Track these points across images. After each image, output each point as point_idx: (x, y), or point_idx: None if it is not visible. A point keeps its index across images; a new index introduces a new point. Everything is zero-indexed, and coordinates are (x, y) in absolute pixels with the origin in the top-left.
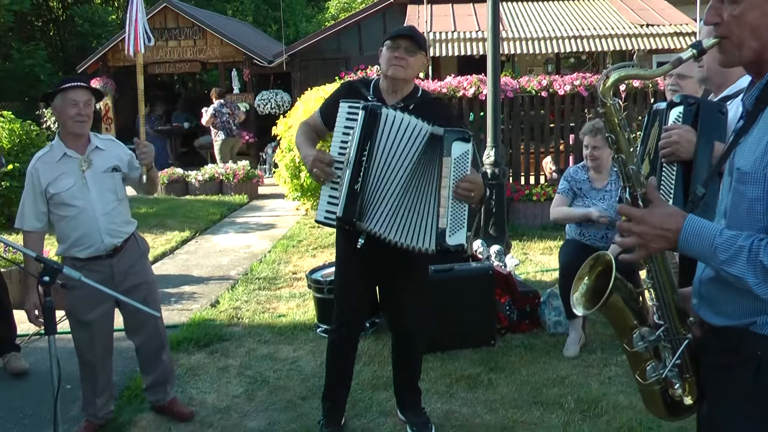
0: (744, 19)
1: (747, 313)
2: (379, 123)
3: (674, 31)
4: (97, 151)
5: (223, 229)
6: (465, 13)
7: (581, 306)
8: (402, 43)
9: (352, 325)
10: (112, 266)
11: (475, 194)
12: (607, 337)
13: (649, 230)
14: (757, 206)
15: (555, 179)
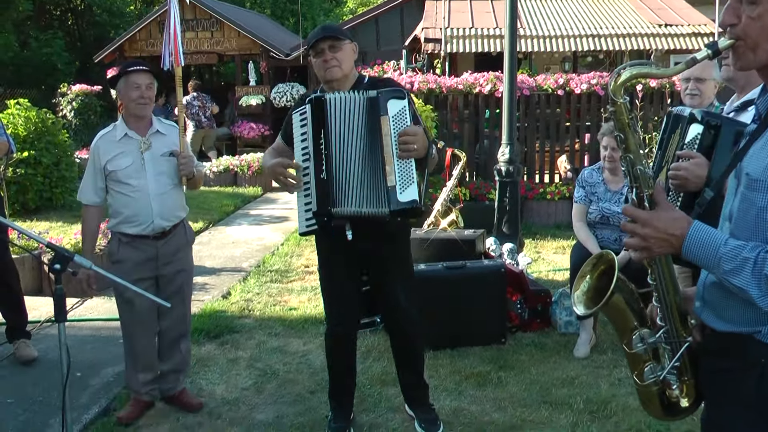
0: (763, 21)
1: (751, 321)
2: (326, 108)
3: (693, 32)
4: (158, 135)
5: (237, 221)
6: (483, 10)
7: (582, 305)
8: (322, 45)
9: (347, 325)
10: (157, 248)
11: (418, 146)
12: (618, 339)
13: (653, 233)
14: (766, 215)
15: (570, 178)
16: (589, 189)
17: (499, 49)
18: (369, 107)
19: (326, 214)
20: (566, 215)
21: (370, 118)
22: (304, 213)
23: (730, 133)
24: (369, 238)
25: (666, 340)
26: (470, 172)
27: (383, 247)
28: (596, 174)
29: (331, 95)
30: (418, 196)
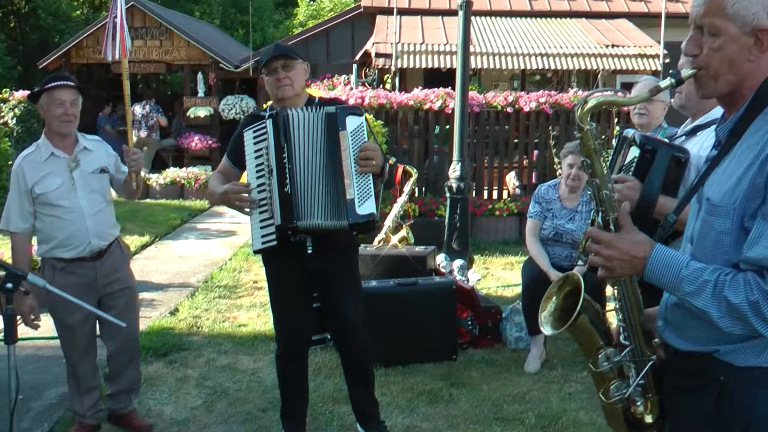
0: (723, 52)
1: (711, 340)
2: (288, 123)
3: (638, 53)
4: (85, 151)
5: (184, 235)
6: (433, 26)
7: (549, 325)
8: (276, 63)
9: (300, 344)
10: (96, 269)
11: (375, 162)
12: (568, 354)
13: (617, 255)
14: (725, 239)
15: (518, 195)
16: (544, 205)
17: (449, 65)
18: (328, 123)
19: (291, 227)
20: (514, 231)
21: (329, 133)
22: (260, 230)
23: (665, 158)
24: (321, 254)
25: (631, 359)
26: (419, 188)
27: (334, 263)
28: (552, 191)
29: (291, 111)
30: (376, 210)
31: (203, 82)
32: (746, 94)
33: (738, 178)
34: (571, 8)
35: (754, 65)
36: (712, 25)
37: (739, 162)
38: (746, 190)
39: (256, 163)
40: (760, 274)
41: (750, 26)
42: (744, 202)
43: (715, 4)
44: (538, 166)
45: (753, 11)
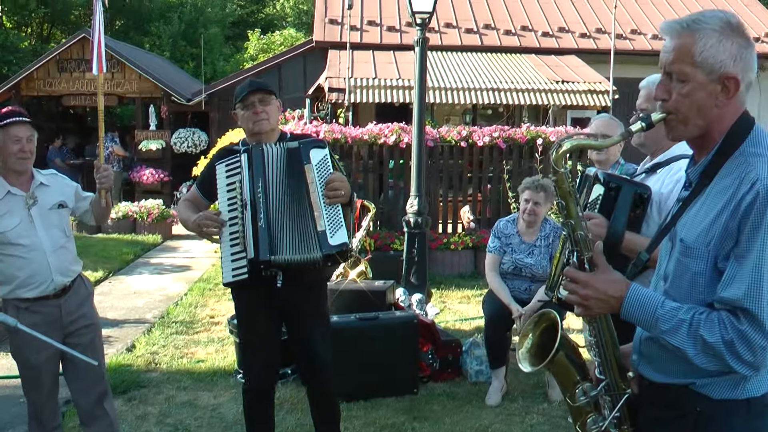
0: (691, 98)
1: (686, 373)
2: (263, 158)
3: (588, 89)
4: (42, 187)
5: (138, 270)
6: (385, 61)
7: (527, 362)
8: (253, 98)
9: (268, 380)
10: (60, 306)
11: (344, 192)
12: (528, 386)
13: (593, 294)
14: (700, 280)
15: (472, 228)
16: (504, 240)
17: (401, 99)
18: (293, 157)
19: (264, 262)
20: (469, 265)
21: (294, 167)
22: (231, 263)
23: (629, 195)
24: (291, 287)
25: (606, 393)
26: (374, 223)
27: (303, 297)
28: (511, 225)
29: (265, 146)
30: (348, 239)
31: (155, 115)
32: (716, 137)
33: (711, 221)
34: (521, 44)
35: (722, 111)
36: (681, 71)
37: (712, 204)
38: (720, 232)
39: (228, 197)
40: (733, 313)
41: (717, 73)
42: (718, 244)
43: (683, 51)
44: (492, 200)
45: (720, 59)
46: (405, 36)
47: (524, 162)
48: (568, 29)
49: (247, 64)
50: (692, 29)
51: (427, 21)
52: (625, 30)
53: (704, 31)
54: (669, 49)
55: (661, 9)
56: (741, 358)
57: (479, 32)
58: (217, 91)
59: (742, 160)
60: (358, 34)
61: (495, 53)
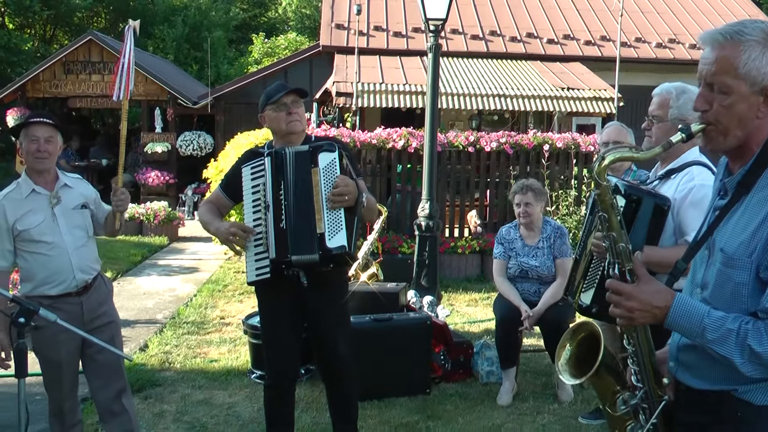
0: (733, 110)
1: (728, 379)
2: (285, 161)
3: (593, 96)
4: (66, 188)
5: (146, 271)
6: (392, 66)
7: (568, 374)
8: (286, 99)
9: (290, 376)
10: (82, 303)
11: (348, 197)
12: (538, 386)
13: (638, 306)
14: (743, 290)
15: (479, 233)
16: (507, 245)
17: (408, 104)
18: (302, 160)
19: (285, 261)
20: (476, 269)
21: (304, 169)
22: (255, 262)
23: (650, 207)
24: (314, 288)
25: (644, 400)
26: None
27: (326, 298)
28: (513, 231)
29: (288, 149)
30: (347, 242)
31: (161, 117)
32: (754, 148)
33: (752, 231)
34: (526, 51)
35: (762, 122)
36: (724, 83)
37: (753, 214)
38: (763, 243)
39: (253, 198)
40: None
41: (760, 85)
42: (761, 254)
43: (727, 63)
44: (498, 205)
45: (764, 71)
46: (411, 42)
47: (531, 168)
48: (573, 36)
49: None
50: (736, 41)
51: (440, 28)
52: (630, 38)
53: (748, 42)
54: (711, 61)
55: (665, 18)
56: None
57: (485, 39)
58: (223, 95)
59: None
60: (365, 39)
61: (500, 59)
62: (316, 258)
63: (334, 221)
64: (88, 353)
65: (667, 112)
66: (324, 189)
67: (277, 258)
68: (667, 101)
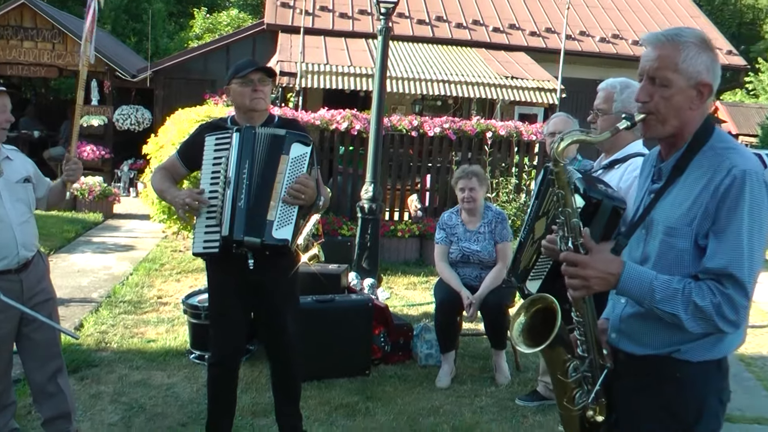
0: (672, 101)
1: (670, 342)
2: (255, 140)
3: (537, 86)
4: (8, 161)
5: (80, 248)
6: (337, 47)
7: (523, 344)
8: (254, 76)
9: (234, 357)
10: (21, 281)
11: (306, 197)
12: (476, 370)
13: (594, 273)
14: (686, 256)
15: (419, 217)
16: (449, 231)
17: (352, 87)
18: (275, 144)
19: (237, 241)
20: (415, 252)
21: (274, 153)
22: (204, 234)
23: (608, 209)
24: (262, 269)
25: (589, 369)
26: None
27: (275, 279)
28: (455, 216)
29: (257, 129)
30: (291, 238)
31: (97, 90)
32: (686, 137)
33: (690, 205)
34: (472, 38)
35: (693, 113)
36: (665, 77)
37: (689, 191)
38: (701, 214)
39: (213, 170)
40: (718, 281)
41: (695, 81)
42: (699, 224)
43: (668, 60)
44: (439, 189)
45: (698, 69)
46: (357, 23)
47: (473, 154)
48: (519, 27)
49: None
50: (676, 42)
51: (391, 11)
52: (575, 31)
53: (686, 44)
54: (653, 58)
55: (610, 14)
56: (726, 317)
57: (431, 24)
58: (163, 69)
59: (712, 154)
60: (311, 19)
61: (446, 45)
62: (258, 242)
63: (286, 214)
64: (25, 332)
65: (612, 106)
66: (286, 179)
67: (230, 236)
68: (611, 95)
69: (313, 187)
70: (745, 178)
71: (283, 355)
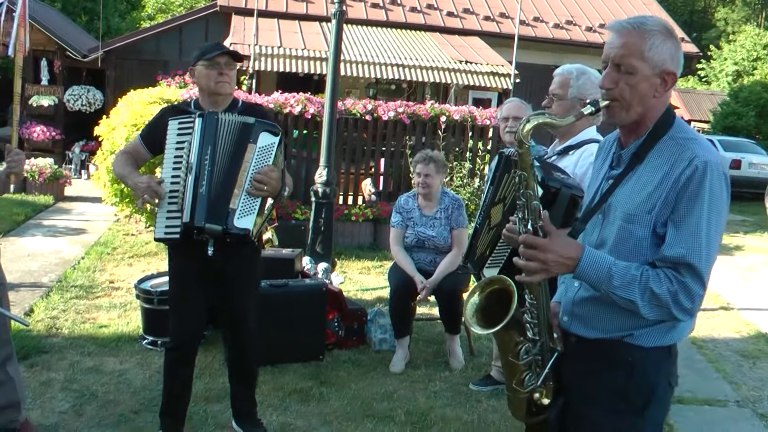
0: (637, 88)
1: (622, 327)
2: (218, 126)
3: (491, 71)
4: None
5: (30, 232)
6: (291, 30)
7: (476, 325)
8: (221, 59)
9: (192, 342)
10: None
11: (269, 188)
12: (430, 355)
13: (553, 257)
14: (644, 243)
15: (373, 201)
16: (405, 215)
17: (306, 70)
18: (243, 131)
19: (198, 228)
20: (369, 237)
21: (240, 142)
22: (165, 220)
23: (566, 197)
24: (223, 255)
25: (540, 351)
26: None
27: (236, 265)
28: (411, 200)
29: (221, 114)
30: (252, 227)
31: (47, 69)
32: (648, 124)
33: (649, 192)
34: (426, 22)
35: (657, 101)
36: (630, 64)
37: (649, 179)
38: (661, 202)
39: (175, 155)
40: (675, 269)
41: (659, 69)
42: (658, 212)
43: (634, 47)
44: (393, 173)
45: (662, 57)
46: (311, 6)
47: (427, 138)
48: (473, 11)
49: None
50: (641, 30)
51: None
52: (528, 17)
53: (651, 32)
54: (618, 45)
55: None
56: (682, 306)
57: (385, 7)
58: (115, 49)
59: (673, 143)
60: (264, 2)
61: (400, 29)
62: (219, 230)
63: (249, 203)
64: None
65: (567, 91)
66: (251, 168)
67: (191, 222)
68: (567, 81)
69: (277, 179)
70: (706, 170)
71: (242, 341)
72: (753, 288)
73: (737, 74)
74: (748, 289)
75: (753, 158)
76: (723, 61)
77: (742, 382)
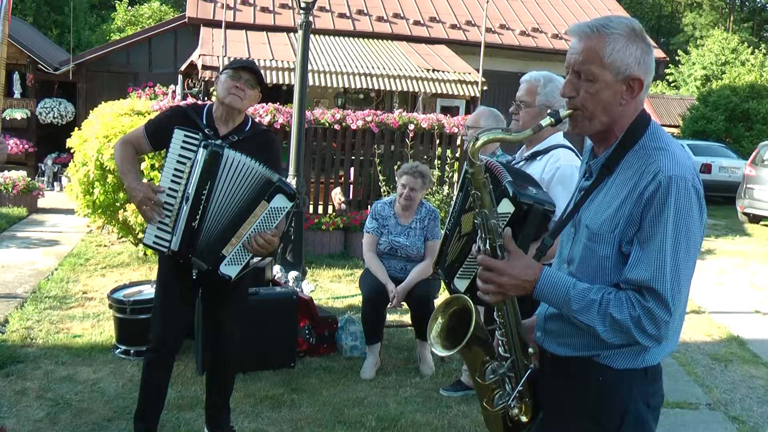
0: (599, 96)
1: (590, 346)
2: (220, 164)
3: (458, 79)
4: None
5: (4, 243)
6: (259, 41)
7: (439, 346)
8: (243, 75)
9: (173, 348)
10: None
11: (265, 252)
12: (401, 361)
13: (509, 281)
14: (607, 263)
15: (343, 210)
16: (381, 221)
17: (275, 80)
18: (261, 186)
19: (184, 258)
20: (340, 245)
21: (254, 196)
22: (156, 230)
23: (538, 213)
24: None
25: (511, 370)
26: None
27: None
28: (388, 208)
29: (229, 152)
30: (235, 276)
31: (20, 83)
32: (617, 133)
33: (615, 209)
34: (392, 31)
35: (624, 108)
36: (590, 72)
37: (615, 194)
38: (625, 220)
39: (175, 167)
40: (639, 292)
41: (623, 75)
42: (623, 230)
43: (593, 53)
44: (363, 182)
45: (627, 62)
46: (278, 17)
47: (396, 147)
48: (439, 19)
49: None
50: (602, 33)
51: (311, 5)
52: (494, 24)
53: (613, 35)
54: (578, 51)
55: (529, 7)
56: (646, 332)
57: (352, 17)
58: (86, 62)
59: (643, 153)
60: (232, 13)
61: (367, 39)
62: (204, 267)
63: (241, 255)
64: None
65: (535, 99)
66: (257, 224)
67: (179, 252)
68: (534, 88)
69: (276, 244)
70: (670, 186)
71: (223, 351)
72: (724, 291)
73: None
74: (719, 293)
75: (723, 162)
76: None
77: (714, 385)
